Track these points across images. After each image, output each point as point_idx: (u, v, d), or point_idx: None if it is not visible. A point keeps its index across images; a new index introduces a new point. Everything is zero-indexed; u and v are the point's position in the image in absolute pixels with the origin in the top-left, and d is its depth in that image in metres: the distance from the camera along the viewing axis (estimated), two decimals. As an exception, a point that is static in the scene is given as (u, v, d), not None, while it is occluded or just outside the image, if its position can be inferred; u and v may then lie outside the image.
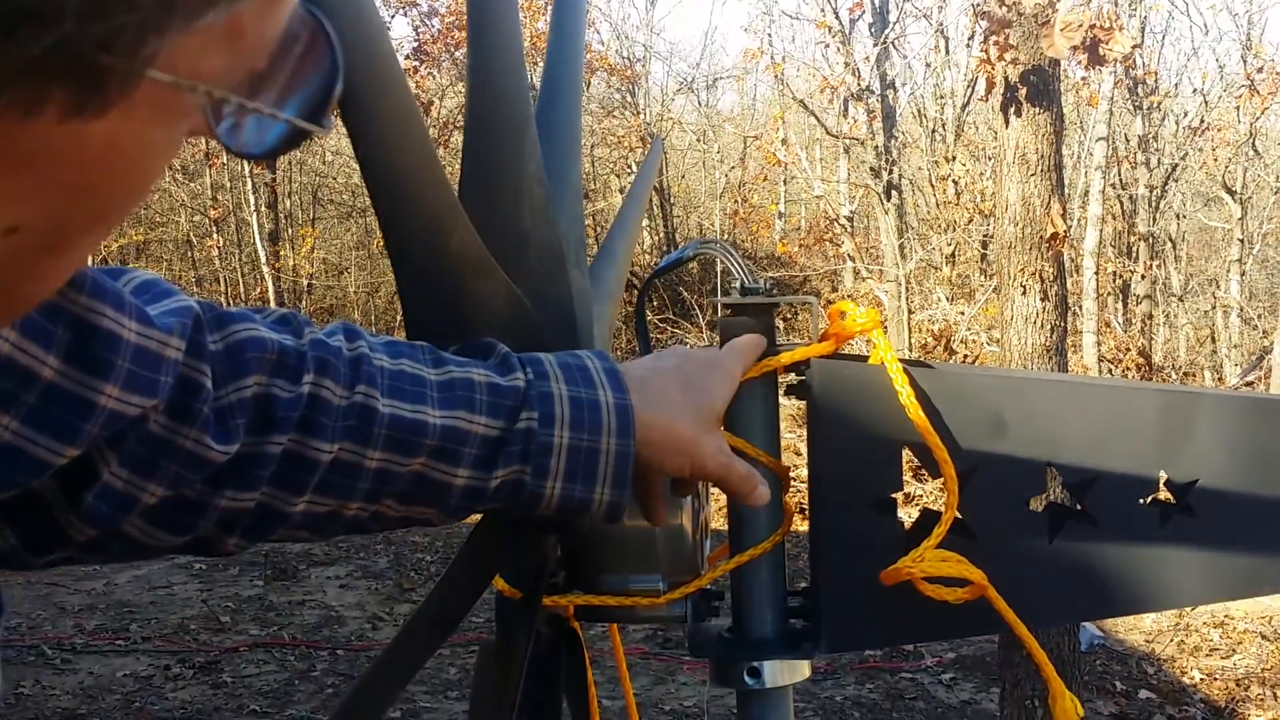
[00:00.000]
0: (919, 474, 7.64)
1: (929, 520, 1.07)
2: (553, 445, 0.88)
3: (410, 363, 0.88)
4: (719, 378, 0.97)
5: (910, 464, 1.07)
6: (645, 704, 5.41)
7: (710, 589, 1.12)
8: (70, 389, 0.67)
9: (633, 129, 16.64)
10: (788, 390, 1.12)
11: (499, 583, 1.08)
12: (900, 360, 1.05)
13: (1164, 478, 1.10)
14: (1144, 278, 14.06)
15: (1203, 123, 14.31)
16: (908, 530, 1.08)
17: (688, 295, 14.19)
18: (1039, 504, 1.10)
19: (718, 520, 1.19)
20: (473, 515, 0.96)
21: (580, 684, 1.20)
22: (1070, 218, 11.11)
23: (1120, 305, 14.37)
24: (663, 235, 17.06)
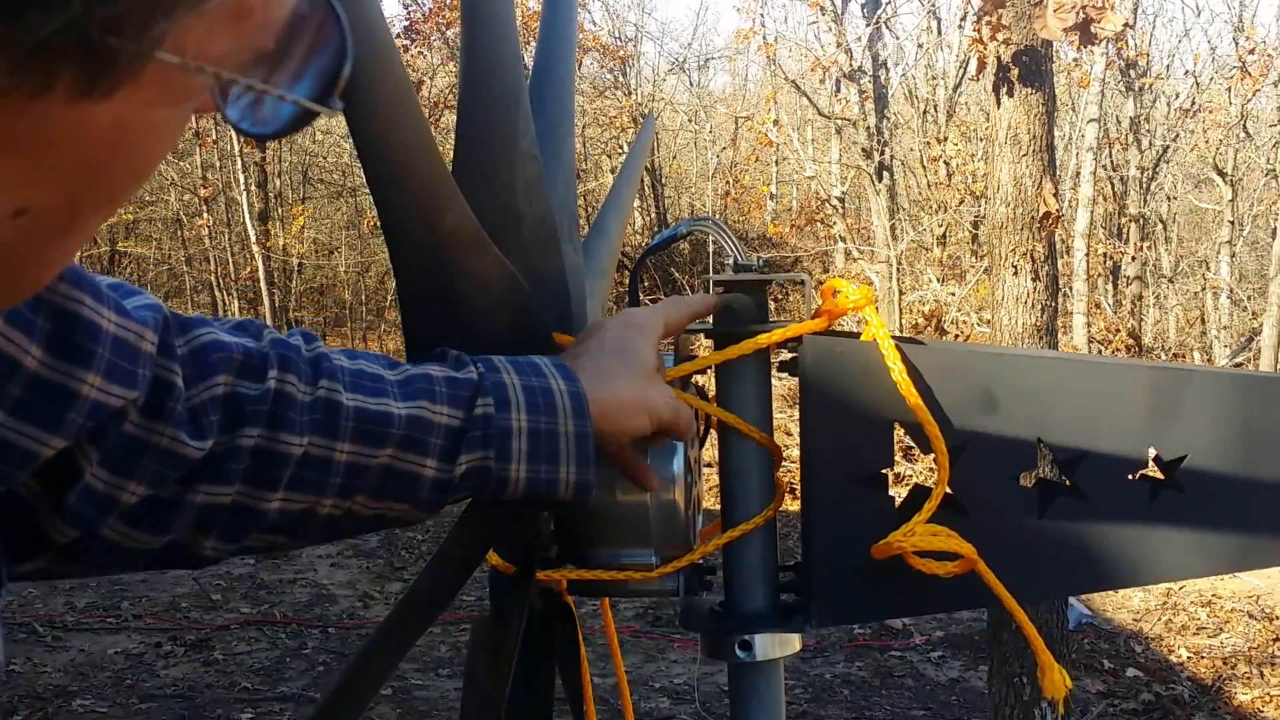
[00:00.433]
0: (909, 454, 7.66)
1: (920, 496, 1.07)
2: (512, 428, 0.91)
3: (367, 363, 0.91)
4: (640, 338, 1.01)
5: (901, 444, 1.08)
6: (636, 682, 5.44)
7: (702, 564, 1.13)
8: (54, 379, 0.68)
9: (624, 109, 16.60)
10: (780, 367, 1.13)
11: (493, 558, 1.08)
12: (892, 337, 1.06)
13: (1153, 454, 1.11)
14: (1134, 259, 14.09)
15: (1194, 104, 14.32)
16: (899, 506, 1.09)
17: (679, 275, 14.19)
18: (1029, 480, 1.10)
19: (710, 501, 1.20)
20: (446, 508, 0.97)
21: (574, 658, 1.21)
22: (1061, 199, 11.13)
23: (1110, 286, 14.42)
24: (655, 216, 17.04)
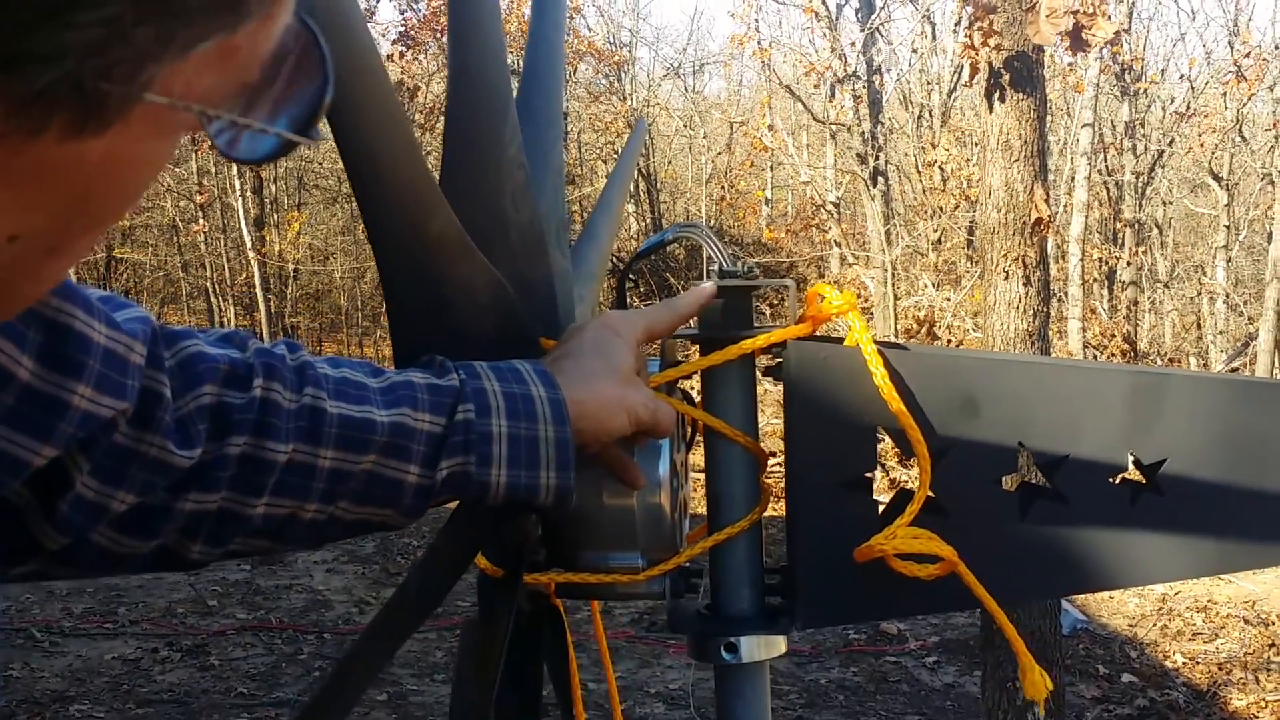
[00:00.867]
0: (904, 459, 7.67)
1: (903, 499, 1.09)
2: (492, 433, 0.92)
3: (350, 371, 0.92)
4: (617, 341, 1.02)
5: (893, 448, 1.09)
6: (631, 687, 5.45)
7: (689, 567, 1.14)
8: (45, 389, 0.69)
9: (619, 114, 16.63)
10: (765, 371, 1.14)
11: (481, 561, 1.09)
12: (875, 342, 1.07)
13: (1133, 458, 1.12)
14: (1130, 264, 14.11)
15: (1189, 109, 14.35)
16: (882, 509, 1.10)
17: (673, 280, 14.20)
18: (1011, 483, 1.12)
19: (698, 506, 1.21)
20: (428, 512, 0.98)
21: (562, 660, 1.22)
22: (1056, 204, 11.14)
23: (1106, 291, 14.43)
24: (649, 221, 17.06)
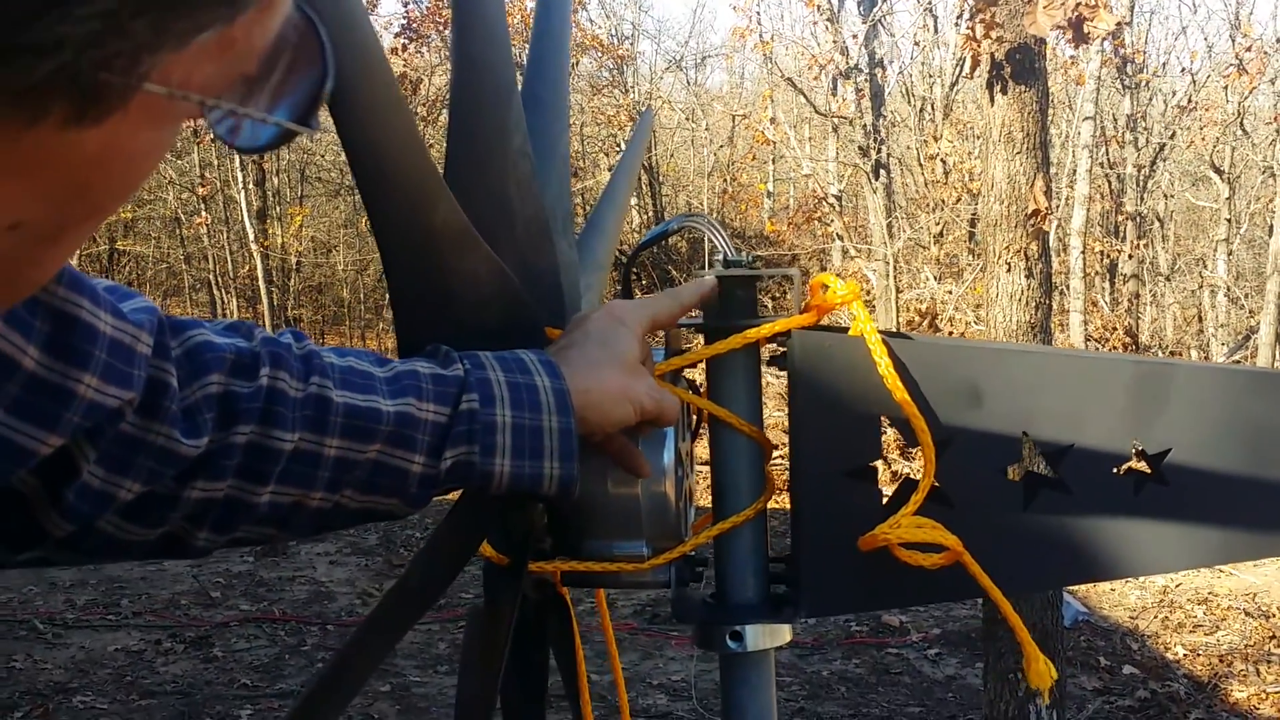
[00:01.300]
0: (906, 451, 7.67)
1: (907, 489, 1.09)
2: (496, 423, 0.92)
3: (356, 360, 0.93)
4: (623, 331, 1.03)
5: (897, 439, 1.10)
6: (633, 679, 5.45)
7: (693, 556, 1.14)
8: (51, 379, 0.69)
9: (622, 107, 16.61)
10: (769, 361, 1.14)
11: (486, 549, 1.10)
12: (879, 332, 1.07)
13: (1138, 447, 1.13)
14: (1131, 257, 14.10)
15: (1191, 102, 14.32)
16: (886, 498, 1.10)
17: (676, 273, 14.20)
18: (1015, 473, 1.12)
19: (703, 499, 1.21)
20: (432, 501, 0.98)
21: (569, 649, 1.22)
22: (1058, 197, 11.13)
23: (1107, 284, 14.42)
24: (652, 214, 17.05)
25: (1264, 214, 15.06)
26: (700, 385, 1.17)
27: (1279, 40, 14.46)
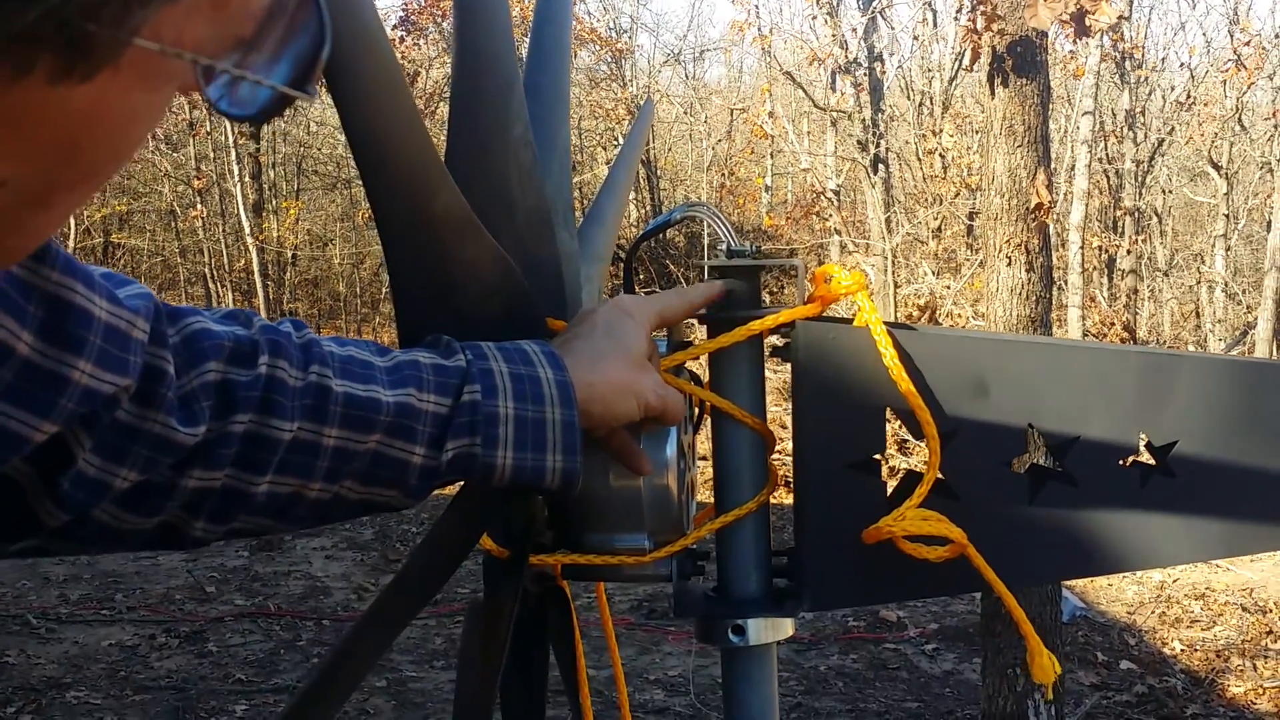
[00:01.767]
0: (903, 446, 7.67)
1: (911, 481, 1.08)
2: (498, 415, 0.91)
3: (357, 350, 0.92)
4: (631, 325, 1.02)
5: (894, 435, 1.09)
6: (631, 674, 5.45)
7: (695, 549, 1.13)
8: (45, 365, 0.68)
9: (620, 101, 16.59)
10: (772, 352, 1.13)
11: (486, 542, 1.09)
12: (884, 323, 1.06)
13: (1144, 440, 1.12)
14: (1129, 252, 14.09)
15: (1189, 97, 14.32)
16: (890, 491, 1.09)
17: (674, 268, 14.19)
18: (1020, 465, 1.11)
19: (704, 493, 1.20)
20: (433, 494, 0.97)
21: (568, 642, 1.21)
22: (1056, 191, 11.12)
23: (1105, 280, 14.42)
24: (650, 208, 17.03)
25: (1262, 209, 15.07)
26: (702, 377, 1.15)
27: (1278, 36, 14.45)
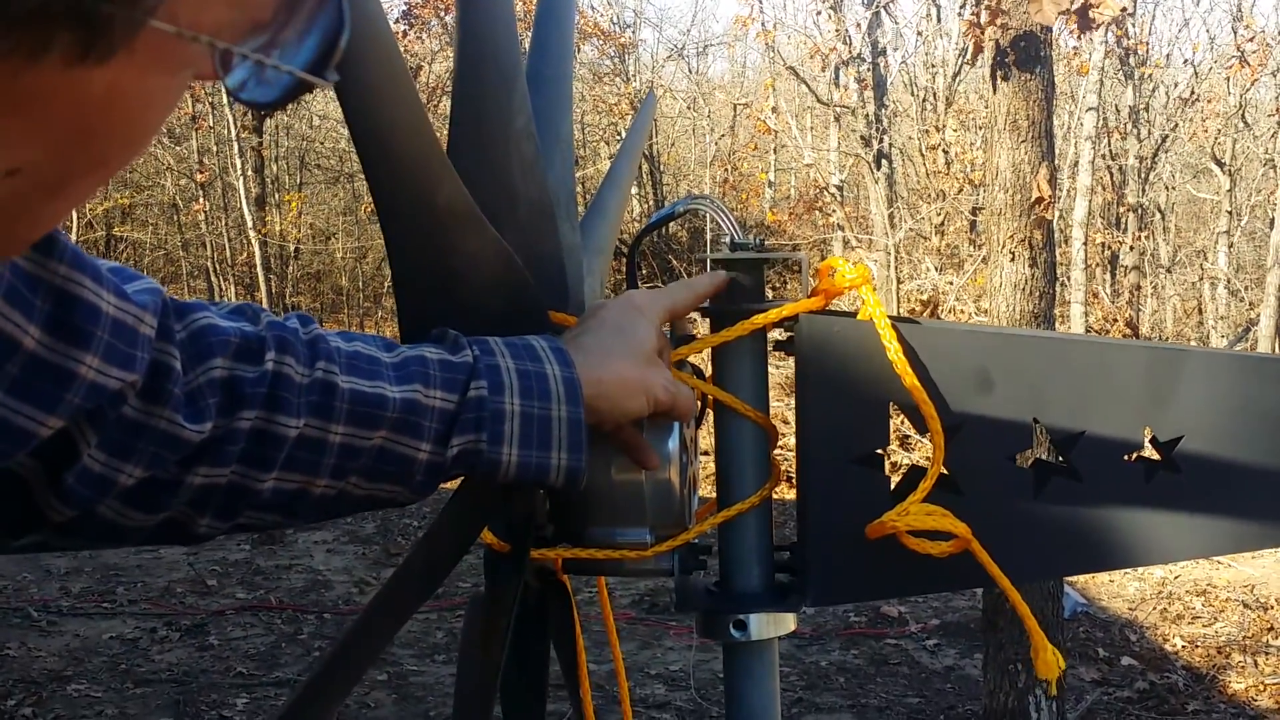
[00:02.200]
0: (905, 442, 7.67)
1: (915, 476, 1.07)
2: (504, 411, 0.91)
3: (363, 345, 0.91)
4: (641, 319, 1.01)
5: (896, 430, 1.08)
6: (631, 668, 5.45)
7: (697, 543, 1.13)
8: (52, 359, 0.68)
9: (624, 95, 16.58)
10: (776, 346, 1.13)
11: (488, 536, 1.08)
12: (889, 317, 1.06)
13: (1149, 435, 1.11)
14: (1132, 249, 14.08)
15: (1193, 94, 14.30)
16: (894, 485, 1.09)
17: (677, 264, 14.18)
18: (1025, 460, 1.10)
19: (706, 488, 1.20)
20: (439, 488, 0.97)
21: (569, 636, 1.21)
22: (1060, 188, 11.11)
23: (1108, 276, 14.40)
24: (653, 203, 17.01)
25: (1265, 206, 15.04)
26: (706, 370, 1.15)
27: (1281, 32, 14.41)
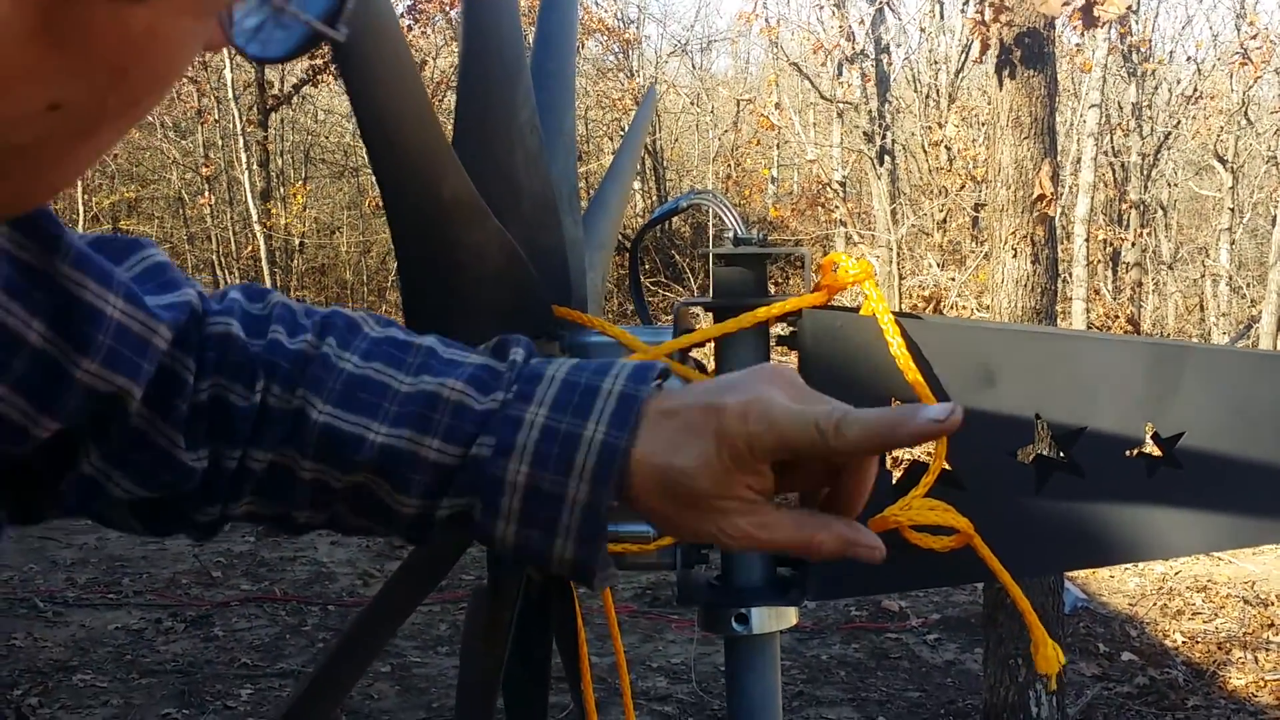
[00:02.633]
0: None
1: (917, 471, 1.08)
2: (504, 480, 0.74)
3: (383, 366, 0.78)
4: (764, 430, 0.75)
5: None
6: (633, 661, 5.46)
7: (699, 537, 1.13)
8: (51, 357, 0.67)
9: (627, 91, 16.57)
10: (779, 341, 1.13)
11: (491, 528, 1.08)
12: (891, 312, 1.06)
13: (1151, 431, 1.11)
14: (1134, 245, 14.07)
15: (1196, 91, 14.29)
16: (896, 480, 1.09)
17: (679, 258, 14.17)
18: (1027, 455, 1.11)
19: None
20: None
21: (570, 630, 1.21)
22: (1062, 184, 11.10)
23: (1110, 273, 14.39)
24: (656, 199, 17.01)
25: (1267, 203, 15.03)
26: (708, 364, 1.15)
27: (1286, 29, 14.39)
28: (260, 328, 0.80)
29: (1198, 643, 5.84)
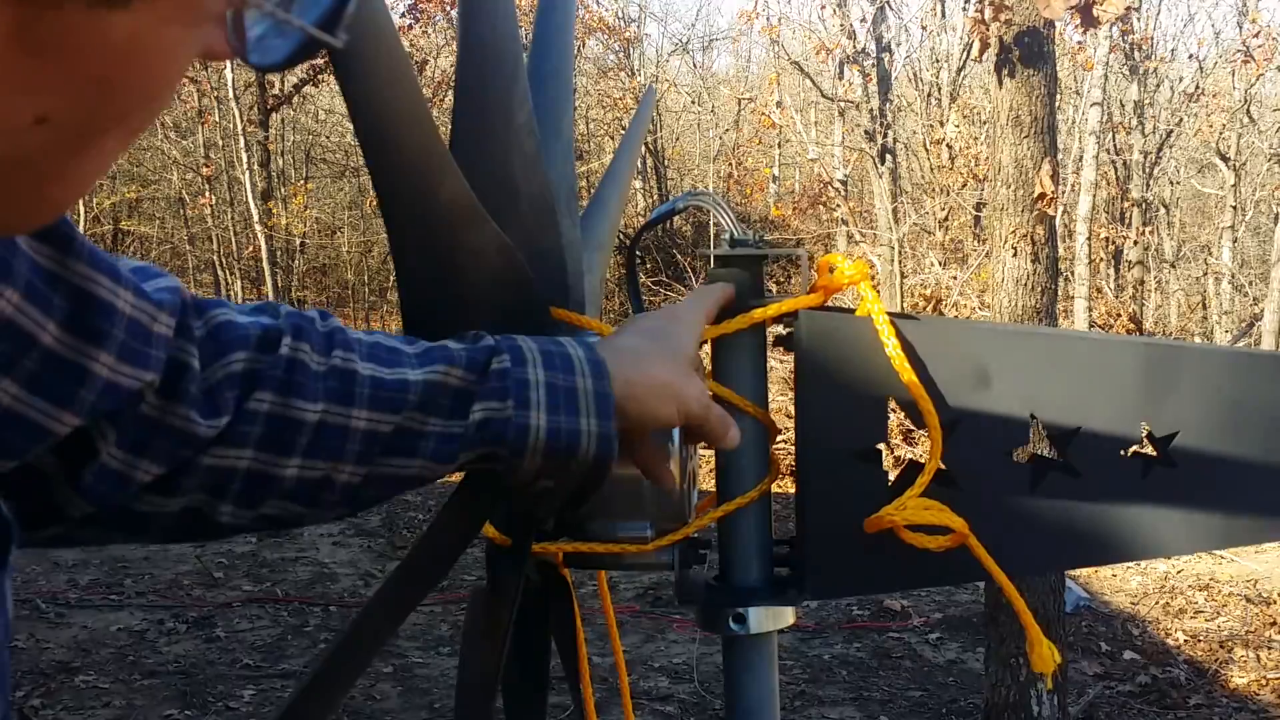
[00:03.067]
0: (909, 436, 7.67)
1: (913, 471, 1.08)
2: (529, 380, 0.89)
3: (384, 338, 0.91)
4: (682, 327, 1.00)
5: (901, 425, 1.09)
6: (635, 661, 5.46)
7: (697, 537, 1.13)
8: (68, 356, 0.68)
9: (628, 90, 16.57)
10: (776, 341, 1.13)
11: (489, 530, 1.09)
12: (887, 313, 1.06)
13: (1146, 430, 1.12)
14: (1136, 243, 14.07)
15: (1198, 89, 14.29)
16: (892, 480, 1.10)
17: (680, 258, 14.18)
18: (1022, 455, 1.11)
19: (707, 482, 1.20)
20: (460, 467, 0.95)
21: (569, 631, 1.22)
22: (1064, 183, 11.10)
23: (1112, 271, 14.39)
24: (656, 198, 17.01)
25: (1269, 201, 15.04)
26: (704, 365, 1.16)
27: (1287, 27, 14.39)
28: (269, 311, 0.87)
29: (1200, 641, 5.85)
